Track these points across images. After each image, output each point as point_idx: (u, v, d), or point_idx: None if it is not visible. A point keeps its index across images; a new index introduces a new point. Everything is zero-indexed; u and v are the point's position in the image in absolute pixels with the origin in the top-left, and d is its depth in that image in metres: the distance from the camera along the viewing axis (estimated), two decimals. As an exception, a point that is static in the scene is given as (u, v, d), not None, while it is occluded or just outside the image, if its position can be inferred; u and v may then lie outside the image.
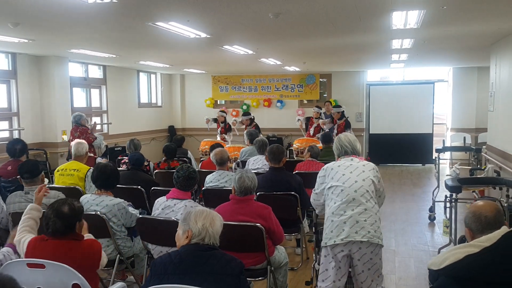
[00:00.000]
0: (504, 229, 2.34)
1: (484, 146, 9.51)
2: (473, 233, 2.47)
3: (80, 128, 8.24)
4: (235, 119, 12.17)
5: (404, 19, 6.11)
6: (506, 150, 7.51)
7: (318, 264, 4.08)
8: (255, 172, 4.49)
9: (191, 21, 6.01)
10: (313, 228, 4.45)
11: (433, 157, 13.63)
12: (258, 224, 3.93)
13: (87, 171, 5.73)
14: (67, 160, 7.68)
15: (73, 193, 5.29)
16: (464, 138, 13.01)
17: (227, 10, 5.37)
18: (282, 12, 5.48)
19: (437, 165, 8.27)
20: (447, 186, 4.92)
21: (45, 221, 3.17)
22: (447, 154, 13.45)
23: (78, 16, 5.69)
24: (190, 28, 6.46)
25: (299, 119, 12.16)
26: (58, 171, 5.88)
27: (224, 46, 8.30)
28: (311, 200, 4.21)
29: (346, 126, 10.80)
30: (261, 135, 9.01)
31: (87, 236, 3.48)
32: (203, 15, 5.67)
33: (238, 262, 2.72)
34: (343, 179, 3.83)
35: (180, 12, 5.47)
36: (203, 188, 5.71)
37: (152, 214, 4.35)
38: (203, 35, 6.92)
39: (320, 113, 11.66)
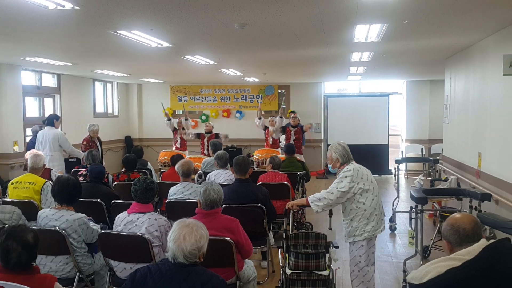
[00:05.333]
0: (483, 242, 2.35)
1: (438, 157, 9.75)
2: (451, 246, 2.47)
3: None
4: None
5: (366, 32, 6.20)
6: (462, 161, 7.71)
7: (289, 269, 4.25)
8: (220, 184, 4.40)
9: (155, 30, 5.90)
10: (284, 234, 4.43)
11: (389, 168, 13.93)
12: (227, 238, 3.84)
13: (43, 184, 5.49)
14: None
15: (28, 207, 5.06)
16: (422, 149, 13.34)
17: (192, 20, 5.30)
18: (248, 23, 5.45)
19: (396, 176, 8.40)
20: (412, 197, 4.97)
21: (5, 252, 2.74)
22: (402, 165, 13.72)
23: (36, 23, 5.49)
24: (152, 37, 6.35)
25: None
26: (12, 183, 5.59)
27: (185, 56, 8.21)
28: (325, 196, 4.36)
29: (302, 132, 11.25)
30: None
31: None
32: (167, 24, 5.58)
33: (220, 280, 2.64)
34: (370, 179, 4.44)
35: (144, 20, 5.36)
36: (166, 201, 5.57)
37: (114, 230, 4.19)
38: (166, 44, 6.82)
39: (275, 121, 11.75)
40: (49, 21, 5.38)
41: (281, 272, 4.42)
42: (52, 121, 8.81)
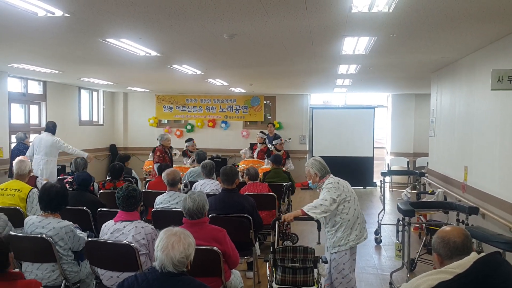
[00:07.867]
0: (474, 255, 2.35)
1: (423, 170, 9.82)
2: (442, 259, 2.47)
3: None
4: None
5: (354, 45, 6.25)
6: (447, 174, 7.77)
7: (276, 284, 4.21)
8: (206, 194, 4.37)
9: (143, 38, 5.88)
10: (271, 248, 4.41)
11: (374, 180, 13.99)
12: (214, 248, 3.82)
13: (29, 191, 5.42)
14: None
15: (14, 214, 4.99)
16: (408, 162, 13.45)
17: (182, 29, 5.29)
18: (237, 33, 5.46)
19: (382, 189, 8.43)
20: (400, 210, 5.00)
21: None
22: (387, 178, 13.79)
23: (25, 30, 5.45)
24: (141, 46, 6.33)
25: (243, 152, 12.10)
26: (-3, 190, 5.51)
27: (173, 65, 8.19)
28: (321, 203, 4.44)
29: (287, 156, 11.12)
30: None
31: None
32: (156, 33, 5.56)
33: (207, 289, 2.62)
34: (350, 189, 4.61)
35: (134, 29, 5.34)
36: (152, 210, 5.53)
37: (100, 238, 4.14)
38: (154, 53, 6.80)
39: (265, 138, 11.89)
40: (38, 28, 5.34)
41: (268, 287, 4.39)
42: (52, 128, 9.01)
